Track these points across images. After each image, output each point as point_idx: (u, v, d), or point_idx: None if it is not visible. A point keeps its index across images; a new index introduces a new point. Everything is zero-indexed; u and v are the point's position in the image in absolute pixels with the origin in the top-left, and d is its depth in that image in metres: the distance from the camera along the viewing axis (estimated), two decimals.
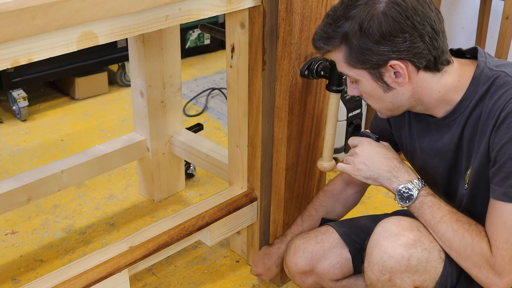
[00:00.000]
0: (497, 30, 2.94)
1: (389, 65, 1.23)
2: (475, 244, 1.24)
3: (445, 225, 1.27)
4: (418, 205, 1.31)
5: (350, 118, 2.48)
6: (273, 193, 1.82)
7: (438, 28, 1.23)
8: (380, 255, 1.29)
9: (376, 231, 1.32)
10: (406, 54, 1.22)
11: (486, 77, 1.26)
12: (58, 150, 2.68)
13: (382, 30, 1.20)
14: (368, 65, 1.25)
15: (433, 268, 1.29)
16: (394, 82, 1.27)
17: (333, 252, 1.55)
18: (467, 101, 1.28)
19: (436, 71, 1.26)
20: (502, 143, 1.19)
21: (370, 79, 1.28)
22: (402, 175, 1.34)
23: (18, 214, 2.25)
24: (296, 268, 1.59)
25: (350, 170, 1.40)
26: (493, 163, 1.23)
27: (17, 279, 1.96)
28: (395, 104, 1.31)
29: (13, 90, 2.88)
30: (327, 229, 1.60)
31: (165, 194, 2.35)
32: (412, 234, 1.28)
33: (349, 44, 1.24)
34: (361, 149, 1.38)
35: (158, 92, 2.12)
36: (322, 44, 1.29)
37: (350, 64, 1.27)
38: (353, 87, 1.35)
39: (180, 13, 1.45)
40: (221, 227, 1.81)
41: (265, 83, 1.69)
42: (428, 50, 1.22)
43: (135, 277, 1.96)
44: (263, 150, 1.78)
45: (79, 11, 1.23)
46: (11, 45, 1.17)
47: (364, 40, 1.22)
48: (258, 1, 1.59)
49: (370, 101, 1.34)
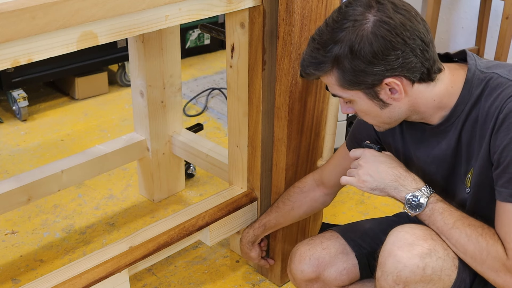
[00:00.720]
0: (497, 30, 2.94)
1: (384, 83, 1.22)
2: (490, 247, 1.22)
3: (458, 231, 1.25)
4: (429, 213, 1.29)
5: (350, 118, 2.48)
6: (273, 193, 1.82)
7: (428, 40, 1.22)
8: (395, 265, 1.26)
9: (389, 240, 1.29)
10: (400, 70, 1.21)
11: (479, 80, 1.25)
12: (58, 150, 2.68)
13: (373, 50, 1.18)
14: (363, 86, 1.24)
15: (447, 276, 1.27)
16: (390, 98, 1.26)
17: (339, 258, 1.53)
18: (462, 105, 1.27)
19: (430, 81, 1.26)
20: (503, 145, 1.19)
21: (365, 98, 1.27)
22: (409, 184, 1.32)
23: (18, 214, 2.25)
24: (303, 276, 1.56)
25: (355, 182, 1.37)
26: (496, 166, 1.21)
27: (17, 279, 1.96)
28: (392, 118, 1.31)
29: (13, 90, 2.88)
30: (332, 234, 1.58)
31: (165, 194, 2.35)
32: (427, 243, 1.26)
33: (341, 67, 1.22)
34: (364, 161, 1.36)
35: (158, 92, 2.12)
36: (312, 70, 1.27)
37: (343, 87, 1.26)
38: (347, 106, 1.33)
39: (180, 13, 1.45)
40: (221, 227, 1.81)
41: (265, 83, 1.69)
42: (420, 63, 1.22)
43: (135, 277, 1.96)
44: (263, 150, 1.78)
45: (79, 11, 1.23)
46: (11, 45, 1.17)
47: (356, 62, 1.20)
48: (258, 1, 1.59)
49: (367, 118, 1.33)
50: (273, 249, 1.89)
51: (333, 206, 2.31)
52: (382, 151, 1.39)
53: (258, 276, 1.99)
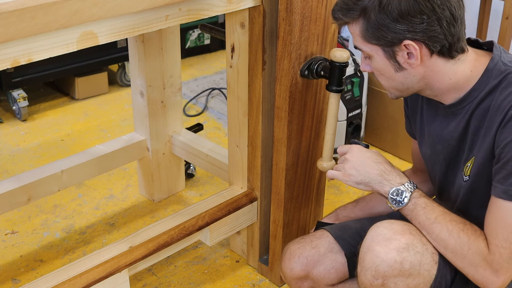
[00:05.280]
0: (497, 30, 2.94)
1: (403, 44, 1.23)
2: (471, 242, 1.24)
3: (439, 226, 1.27)
4: (411, 207, 1.31)
5: (350, 118, 2.48)
6: (273, 193, 1.82)
7: (457, 15, 1.23)
8: (373, 260, 1.28)
9: (368, 236, 1.32)
10: (421, 35, 1.22)
11: (499, 71, 1.26)
12: (58, 150, 2.68)
13: (401, 8, 1.20)
14: (383, 42, 1.25)
15: (427, 271, 1.28)
16: (406, 63, 1.27)
17: (328, 257, 1.55)
18: (477, 92, 1.28)
19: (449, 58, 1.26)
20: (507, 141, 1.20)
21: (383, 56, 1.28)
22: (393, 178, 1.34)
23: (18, 214, 2.25)
24: (292, 274, 1.58)
25: (341, 176, 1.39)
26: (497, 160, 1.23)
27: (17, 279, 1.96)
28: (404, 85, 1.31)
29: (13, 90, 2.88)
30: (322, 233, 1.60)
31: (165, 194, 2.35)
32: (404, 237, 1.28)
33: (367, 18, 1.24)
34: (351, 155, 1.38)
35: (158, 92, 2.12)
36: (340, 15, 1.29)
37: (365, 39, 1.28)
38: (366, 63, 1.35)
39: (180, 13, 1.45)
40: (221, 227, 1.81)
41: (265, 83, 1.69)
42: (444, 35, 1.22)
43: (135, 277, 1.96)
44: (263, 150, 1.78)
45: (79, 11, 1.23)
46: (11, 45, 1.17)
47: (382, 16, 1.22)
48: (258, 1, 1.59)
49: (381, 78, 1.35)
50: (273, 249, 1.89)
51: (333, 206, 2.31)
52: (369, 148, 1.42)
53: (258, 276, 1.99)
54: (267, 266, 1.96)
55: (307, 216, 1.89)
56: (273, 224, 1.86)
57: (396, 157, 2.62)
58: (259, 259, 1.99)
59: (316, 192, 1.87)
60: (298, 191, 1.81)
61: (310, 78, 1.63)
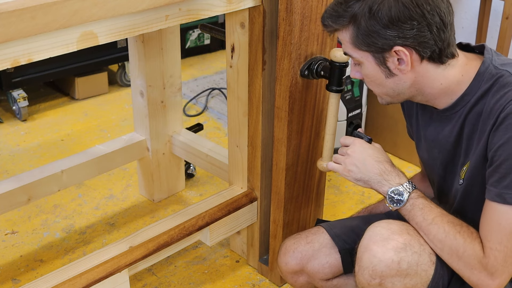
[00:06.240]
0: (497, 30, 2.94)
1: (394, 50, 1.24)
2: (467, 245, 1.24)
3: (436, 227, 1.27)
4: (409, 208, 1.32)
5: (350, 118, 2.48)
6: (273, 193, 1.82)
7: (447, 20, 1.23)
8: (370, 260, 1.29)
9: (366, 236, 1.32)
10: (411, 41, 1.22)
11: (490, 75, 1.26)
12: (58, 150, 2.68)
13: (391, 14, 1.20)
14: (373, 48, 1.25)
15: (424, 271, 1.29)
16: (397, 69, 1.27)
17: (322, 252, 1.56)
18: (469, 96, 1.28)
19: (440, 63, 1.26)
20: (499, 144, 1.20)
21: (373, 62, 1.28)
22: (392, 178, 1.34)
23: (18, 214, 2.25)
24: (287, 268, 1.60)
25: (341, 170, 1.40)
26: (490, 164, 1.23)
27: (17, 279, 1.96)
28: (395, 91, 1.31)
29: (13, 90, 2.88)
30: (317, 229, 1.61)
31: (165, 194, 2.35)
32: (402, 237, 1.28)
33: (357, 25, 1.24)
34: (352, 150, 1.39)
35: (158, 92, 2.12)
36: (330, 22, 1.29)
37: (355, 45, 1.28)
38: (356, 70, 1.35)
39: (180, 13, 1.45)
40: (221, 227, 1.81)
41: (265, 83, 1.69)
42: (434, 40, 1.23)
43: (135, 277, 1.96)
44: (263, 150, 1.78)
45: (79, 11, 1.23)
46: (11, 45, 1.17)
47: (372, 22, 1.22)
48: (258, 1, 1.59)
49: (371, 85, 1.34)
50: (273, 249, 1.89)
51: (333, 206, 2.32)
52: (372, 143, 1.42)
53: (258, 276, 1.99)
54: (267, 266, 1.96)
55: (307, 216, 1.90)
56: (273, 224, 1.86)
57: (396, 157, 2.62)
58: (259, 259, 1.99)
59: (316, 192, 1.87)
60: (298, 191, 1.81)
61: (310, 78, 1.63)
